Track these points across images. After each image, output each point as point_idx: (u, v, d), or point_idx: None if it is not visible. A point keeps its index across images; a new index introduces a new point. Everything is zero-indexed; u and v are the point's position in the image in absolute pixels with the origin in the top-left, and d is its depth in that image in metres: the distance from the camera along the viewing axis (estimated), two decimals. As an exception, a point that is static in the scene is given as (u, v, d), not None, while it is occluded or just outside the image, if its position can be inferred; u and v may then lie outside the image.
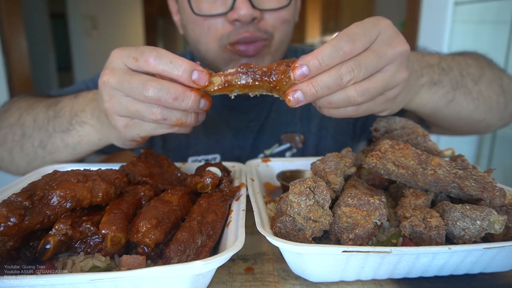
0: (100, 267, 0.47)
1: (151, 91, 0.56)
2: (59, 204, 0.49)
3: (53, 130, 0.80)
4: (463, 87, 0.82)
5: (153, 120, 0.59)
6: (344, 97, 0.55)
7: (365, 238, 0.48)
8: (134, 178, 0.64)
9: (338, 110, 0.59)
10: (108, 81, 0.59)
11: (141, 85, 0.56)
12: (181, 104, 0.57)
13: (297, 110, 1.09)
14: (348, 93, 0.55)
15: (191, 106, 0.58)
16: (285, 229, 0.48)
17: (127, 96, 0.59)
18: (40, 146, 0.82)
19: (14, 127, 0.84)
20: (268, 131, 1.09)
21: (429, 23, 2.29)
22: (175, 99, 0.56)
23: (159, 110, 0.58)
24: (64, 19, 5.03)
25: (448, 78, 0.80)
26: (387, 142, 0.59)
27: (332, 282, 0.50)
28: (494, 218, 0.48)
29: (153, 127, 0.63)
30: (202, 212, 0.53)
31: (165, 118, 0.59)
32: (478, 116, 0.86)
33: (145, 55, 0.56)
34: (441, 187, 0.54)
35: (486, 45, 2.15)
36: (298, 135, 1.09)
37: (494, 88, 0.87)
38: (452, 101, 0.81)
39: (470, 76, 0.84)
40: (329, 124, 1.10)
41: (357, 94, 0.55)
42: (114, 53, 0.61)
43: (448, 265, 0.49)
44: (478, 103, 0.84)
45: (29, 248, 0.49)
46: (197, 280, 0.44)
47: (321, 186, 0.50)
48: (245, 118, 1.08)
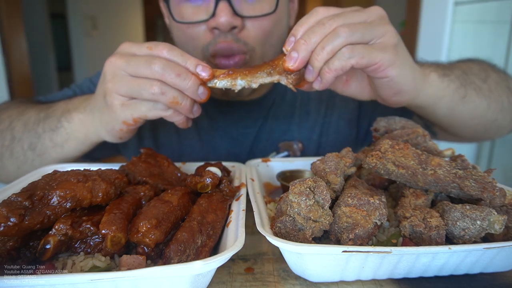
0: (100, 267, 0.47)
1: (157, 65, 0.60)
2: (59, 204, 0.49)
3: (43, 131, 0.80)
4: (472, 84, 0.80)
5: (151, 94, 0.62)
6: (333, 35, 0.57)
7: (365, 238, 0.48)
8: (134, 178, 0.64)
9: (336, 57, 0.58)
10: (116, 61, 0.64)
11: (148, 61, 0.61)
12: (182, 82, 0.61)
13: (295, 118, 1.05)
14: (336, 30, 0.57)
15: (190, 86, 0.62)
16: (285, 229, 0.48)
17: (130, 75, 0.63)
18: (29, 148, 0.81)
19: (4, 133, 0.84)
20: (265, 139, 1.05)
21: (429, 23, 2.29)
22: (178, 75, 0.61)
23: (159, 84, 0.62)
24: (64, 19, 5.03)
25: (454, 75, 0.78)
26: (387, 142, 0.59)
27: (332, 282, 0.50)
28: (494, 218, 0.48)
29: (148, 107, 0.65)
30: (202, 212, 0.53)
31: (163, 93, 0.62)
32: (491, 115, 0.84)
33: (160, 46, 0.63)
34: (441, 187, 0.54)
35: (486, 45, 2.15)
36: (296, 143, 1.05)
37: (503, 88, 0.85)
38: (466, 97, 0.78)
39: (475, 76, 0.82)
40: (330, 131, 1.06)
41: (343, 29, 0.56)
42: (124, 44, 0.67)
43: (448, 265, 0.49)
44: (490, 101, 0.82)
45: (29, 248, 0.49)
46: (197, 280, 0.44)
47: (321, 186, 0.50)
48: (240, 125, 1.04)
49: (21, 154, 0.82)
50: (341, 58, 0.58)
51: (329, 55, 0.58)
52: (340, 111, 1.06)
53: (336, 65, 0.58)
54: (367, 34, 0.58)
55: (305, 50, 0.58)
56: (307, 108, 1.05)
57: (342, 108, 1.06)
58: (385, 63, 0.60)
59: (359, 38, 0.58)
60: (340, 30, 0.56)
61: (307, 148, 1.05)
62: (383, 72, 0.62)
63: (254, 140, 1.05)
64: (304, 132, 1.05)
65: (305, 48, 0.57)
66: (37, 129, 0.81)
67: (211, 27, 0.79)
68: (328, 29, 0.57)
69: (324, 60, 0.58)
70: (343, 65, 0.58)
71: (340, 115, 1.06)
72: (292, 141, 1.05)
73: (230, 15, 0.76)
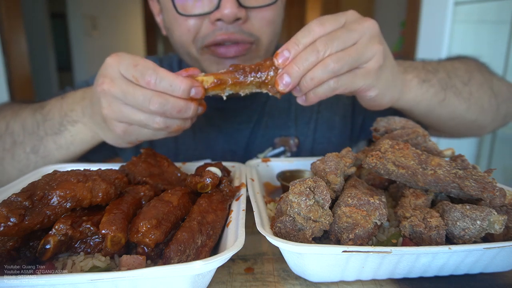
0: (100, 267, 0.47)
1: (157, 106, 0.60)
2: (59, 204, 0.49)
3: (45, 134, 0.80)
4: (452, 87, 0.83)
5: (156, 128, 0.64)
6: (322, 67, 0.60)
7: (365, 238, 0.48)
8: (134, 178, 0.64)
9: (322, 87, 0.63)
10: (109, 90, 0.61)
11: (147, 99, 0.60)
12: (183, 115, 0.63)
13: (291, 113, 1.06)
14: (325, 62, 0.60)
15: (192, 115, 0.64)
16: (285, 229, 0.48)
17: (128, 105, 0.62)
18: (32, 151, 0.82)
19: (4, 137, 0.83)
20: (261, 135, 1.05)
21: (429, 23, 2.29)
22: (179, 111, 0.62)
23: (162, 120, 0.63)
24: (64, 19, 5.03)
25: (436, 79, 0.82)
26: (387, 142, 0.59)
27: (332, 282, 0.50)
28: (494, 218, 0.48)
29: (152, 133, 0.68)
30: (202, 212, 0.53)
31: (167, 126, 0.64)
32: (470, 116, 0.87)
33: (146, 77, 0.60)
34: (441, 187, 0.54)
35: (486, 45, 2.15)
36: (292, 138, 1.06)
37: (485, 90, 0.88)
38: (444, 101, 0.82)
39: (458, 78, 0.85)
40: (324, 127, 1.07)
41: (333, 62, 0.60)
42: (110, 61, 0.63)
43: (448, 265, 0.49)
44: (470, 104, 0.85)
45: (29, 248, 0.49)
46: (197, 280, 0.44)
47: (321, 186, 0.50)
48: (235, 121, 1.05)
49: (24, 157, 0.82)
50: (326, 88, 0.63)
51: (316, 85, 0.62)
52: (333, 107, 1.07)
53: (321, 93, 0.64)
54: (354, 62, 0.63)
55: (298, 77, 0.61)
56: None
57: (336, 104, 1.07)
58: (366, 88, 0.66)
59: (347, 68, 0.62)
60: (330, 63, 0.60)
61: (303, 143, 1.07)
62: (363, 93, 0.68)
63: (250, 136, 1.05)
64: (300, 128, 1.07)
65: (298, 76, 0.61)
66: (38, 132, 0.81)
67: (214, 19, 0.79)
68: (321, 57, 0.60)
69: (311, 88, 0.63)
70: (327, 93, 0.64)
71: (334, 111, 1.07)
72: (289, 137, 1.06)
73: (235, 6, 0.77)
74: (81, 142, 0.80)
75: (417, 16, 2.34)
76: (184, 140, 1.04)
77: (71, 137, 0.79)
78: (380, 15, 3.85)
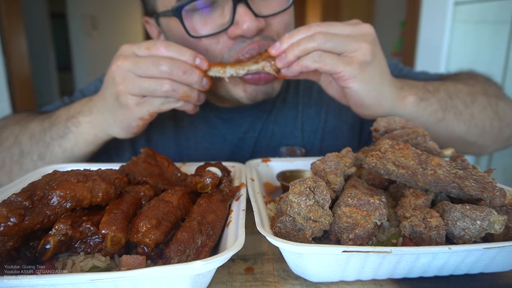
0: (100, 267, 0.47)
1: (165, 66, 0.68)
2: (59, 204, 0.49)
3: (51, 139, 0.82)
4: (453, 108, 0.82)
5: (164, 92, 0.70)
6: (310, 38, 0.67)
7: (365, 238, 0.48)
8: (134, 178, 0.64)
9: (306, 57, 0.69)
10: (123, 64, 0.70)
11: (155, 62, 0.68)
12: (188, 78, 0.69)
13: (297, 121, 1.03)
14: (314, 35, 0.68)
15: (197, 80, 0.70)
16: (285, 229, 0.48)
17: (139, 76, 0.69)
18: (39, 158, 0.83)
19: (12, 149, 0.85)
20: (266, 144, 1.02)
21: (429, 23, 2.29)
22: (184, 73, 0.69)
23: (169, 82, 0.69)
24: (64, 19, 5.03)
25: (435, 98, 0.81)
26: (387, 142, 0.59)
27: (332, 282, 0.50)
28: (494, 218, 0.48)
29: (161, 102, 0.73)
30: (202, 212, 0.53)
31: (174, 90, 0.70)
32: (470, 138, 0.86)
33: (157, 44, 0.70)
34: (441, 187, 0.54)
35: (486, 45, 2.15)
36: (299, 148, 1.02)
37: (488, 113, 0.86)
38: (442, 121, 0.81)
39: (460, 100, 0.84)
40: (332, 136, 1.04)
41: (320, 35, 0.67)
42: (124, 46, 0.73)
43: (448, 265, 0.49)
44: (470, 126, 0.84)
45: (29, 248, 0.49)
46: (197, 280, 0.44)
47: (321, 186, 0.50)
48: (240, 130, 1.02)
49: (31, 166, 0.83)
50: (309, 58, 0.68)
51: (301, 53, 0.69)
52: (341, 115, 1.04)
53: (303, 62, 0.69)
54: (339, 46, 0.68)
55: (287, 43, 0.69)
56: (309, 111, 1.04)
57: (344, 113, 1.04)
58: (346, 75, 0.69)
59: (331, 48, 0.68)
60: (317, 36, 0.67)
61: (310, 153, 1.04)
62: (344, 82, 0.71)
63: (254, 145, 1.03)
64: (307, 137, 1.03)
65: (287, 42, 0.69)
66: (45, 138, 0.82)
67: (234, 35, 0.76)
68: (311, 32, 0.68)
69: (296, 55, 0.69)
70: (308, 64, 0.69)
71: (342, 120, 1.04)
72: (295, 146, 1.03)
73: (253, 19, 0.74)
74: (84, 143, 0.81)
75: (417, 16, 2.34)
76: (188, 149, 1.02)
77: (75, 139, 0.80)
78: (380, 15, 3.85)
